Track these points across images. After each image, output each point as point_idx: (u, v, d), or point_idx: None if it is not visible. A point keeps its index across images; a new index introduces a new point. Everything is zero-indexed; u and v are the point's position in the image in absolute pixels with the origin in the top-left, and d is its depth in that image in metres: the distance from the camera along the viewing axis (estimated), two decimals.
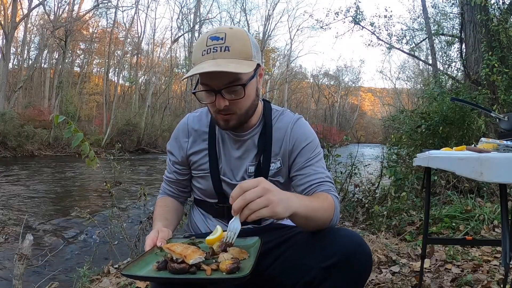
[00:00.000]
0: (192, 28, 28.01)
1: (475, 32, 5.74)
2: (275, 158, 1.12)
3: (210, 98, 1.00)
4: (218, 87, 0.97)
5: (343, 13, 10.76)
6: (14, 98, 20.50)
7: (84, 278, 2.43)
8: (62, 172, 10.93)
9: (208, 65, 0.94)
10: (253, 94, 1.05)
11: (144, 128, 22.97)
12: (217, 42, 0.96)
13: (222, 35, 0.96)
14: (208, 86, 0.98)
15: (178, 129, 1.22)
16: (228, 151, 1.14)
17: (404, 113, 5.46)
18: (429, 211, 1.79)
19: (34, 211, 5.71)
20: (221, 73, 0.94)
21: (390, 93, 39.01)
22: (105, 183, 2.94)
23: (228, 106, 0.99)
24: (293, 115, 1.17)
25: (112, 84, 28.92)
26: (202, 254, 0.83)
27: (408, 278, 2.15)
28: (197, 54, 0.98)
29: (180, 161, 1.19)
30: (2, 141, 15.61)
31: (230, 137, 1.14)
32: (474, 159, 0.74)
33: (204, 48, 0.97)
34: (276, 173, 1.12)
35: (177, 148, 1.19)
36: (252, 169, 1.12)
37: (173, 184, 1.24)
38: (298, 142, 1.10)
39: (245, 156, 1.13)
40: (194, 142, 1.17)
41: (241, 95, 1.00)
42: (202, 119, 1.19)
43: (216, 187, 1.14)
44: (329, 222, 0.95)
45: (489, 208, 3.14)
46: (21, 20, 20.92)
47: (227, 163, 1.14)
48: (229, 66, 0.93)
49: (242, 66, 0.95)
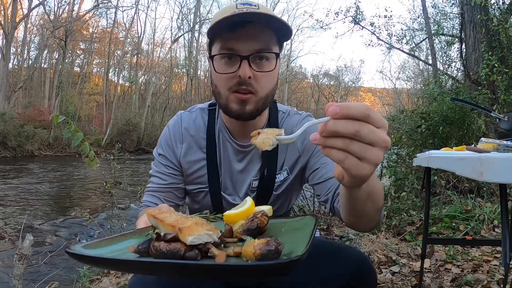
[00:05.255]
0: (192, 28, 27.98)
1: (475, 32, 5.74)
2: (282, 168, 0.98)
3: (232, 67, 0.85)
4: (247, 52, 0.83)
5: (343, 13, 10.74)
6: (14, 98, 20.52)
7: (84, 278, 2.43)
8: (62, 172, 10.93)
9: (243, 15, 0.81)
10: (276, 78, 0.92)
11: (144, 128, 22.99)
12: (249, 6, 0.85)
13: (255, 3, 0.87)
14: (233, 50, 0.84)
15: (169, 132, 1.01)
16: (229, 163, 0.98)
17: (404, 113, 5.45)
18: (429, 211, 1.79)
19: (34, 211, 5.71)
20: (254, 36, 0.83)
21: (390, 93, 38.98)
22: (105, 183, 2.94)
23: (251, 80, 0.85)
24: (299, 115, 1.03)
25: (112, 84, 28.93)
26: (213, 230, 0.51)
27: (408, 278, 2.15)
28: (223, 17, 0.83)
29: (174, 165, 0.99)
30: (2, 141, 15.61)
31: (233, 147, 0.97)
32: (474, 159, 0.74)
33: (234, 11, 0.83)
34: (279, 186, 0.99)
35: (168, 150, 1.00)
36: (256, 183, 0.97)
37: (162, 193, 0.98)
38: (309, 145, 0.95)
39: (248, 169, 0.98)
40: (189, 149, 0.98)
41: (270, 68, 0.87)
42: (198, 121, 1.00)
43: (215, 205, 0.98)
44: (380, 211, 0.73)
45: (489, 208, 3.14)
46: (21, 20, 20.91)
47: (228, 177, 0.98)
48: (273, 18, 0.81)
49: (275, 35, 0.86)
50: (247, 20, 0.82)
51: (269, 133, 0.53)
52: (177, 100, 32.00)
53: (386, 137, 0.47)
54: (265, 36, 0.86)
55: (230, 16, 0.80)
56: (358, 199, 0.63)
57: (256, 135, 0.54)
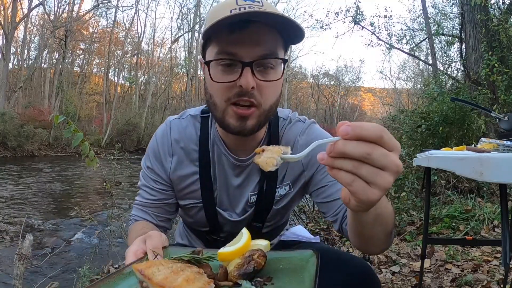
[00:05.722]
0: (192, 28, 27.97)
1: (475, 32, 5.74)
2: (282, 182, 0.90)
3: (232, 75, 0.73)
4: (250, 58, 0.72)
5: (343, 13, 10.75)
6: (14, 98, 20.52)
7: (84, 278, 2.43)
8: (62, 172, 10.93)
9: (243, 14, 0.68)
10: (281, 87, 0.81)
11: (144, 128, 22.96)
12: (251, 3, 0.73)
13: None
14: (234, 55, 0.72)
15: (157, 143, 0.92)
16: (225, 178, 0.89)
17: (404, 113, 5.46)
18: (429, 211, 1.79)
19: (34, 211, 5.71)
20: (259, 39, 0.71)
21: (390, 93, 38.95)
22: (105, 183, 2.94)
23: (254, 90, 0.73)
24: (302, 123, 0.92)
25: (112, 84, 28.93)
26: (208, 284, 0.48)
27: (408, 278, 2.15)
28: (223, 14, 0.70)
29: (163, 181, 0.92)
30: (2, 141, 15.60)
31: (229, 161, 0.88)
32: (474, 159, 0.74)
33: (234, 7, 0.72)
34: (280, 200, 0.92)
35: (157, 165, 0.92)
36: (254, 198, 0.90)
37: (152, 209, 0.93)
38: (314, 160, 0.86)
39: (246, 183, 0.90)
40: (179, 163, 0.89)
41: (276, 76, 0.75)
42: (189, 130, 0.90)
43: (210, 220, 0.92)
44: (390, 235, 0.70)
45: (489, 208, 3.14)
46: (21, 20, 20.91)
47: (224, 192, 0.90)
48: (284, 18, 0.69)
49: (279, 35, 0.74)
50: (251, 19, 0.70)
51: (274, 152, 0.49)
52: (177, 100, 31.99)
53: (398, 161, 0.44)
54: (270, 39, 0.74)
55: (231, 16, 0.67)
56: (366, 222, 0.61)
57: (260, 152, 0.50)
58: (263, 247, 0.58)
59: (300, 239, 1.05)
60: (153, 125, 24.11)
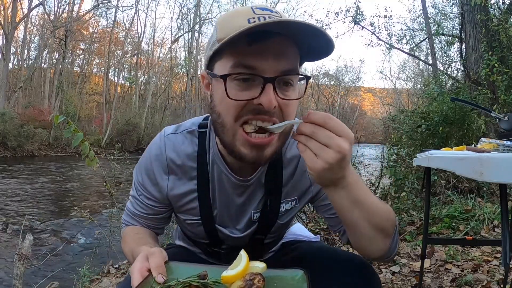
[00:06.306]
0: (192, 28, 27.98)
1: (475, 32, 5.74)
2: (287, 197, 0.87)
3: (249, 91, 0.65)
4: (273, 73, 0.63)
5: (343, 13, 10.73)
6: (14, 98, 20.53)
7: (84, 278, 2.43)
8: (62, 172, 10.93)
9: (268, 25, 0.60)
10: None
11: (144, 128, 22.97)
12: (270, 13, 0.66)
13: (275, 9, 0.69)
14: (253, 69, 0.63)
15: (151, 162, 0.85)
16: (226, 197, 0.85)
17: (404, 113, 5.46)
18: (429, 211, 1.79)
19: (34, 211, 5.71)
20: (281, 52, 0.64)
21: (390, 93, 38.95)
22: (105, 183, 2.95)
23: (276, 110, 0.65)
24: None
25: (112, 84, 28.94)
26: None
27: (408, 278, 2.15)
28: (240, 23, 0.62)
29: (156, 199, 0.87)
30: (2, 141, 15.61)
31: (231, 181, 0.82)
32: (474, 159, 0.74)
33: (251, 16, 0.64)
34: (284, 215, 0.89)
35: (151, 184, 0.86)
36: (258, 215, 0.86)
37: (143, 219, 0.91)
38: None
39: (248, 202, 0.86)
40: (176, 181, 0.84)
41: (297, 94, 0.69)
42: (185, 146, 0.83)
43: (209, 235, 0.90)
44: (386, 237, 0.72)
45: (489, 208, 3.14)
46: (21, 20, 20.92)
47: (225, 211, 0.86)
48: (316, 29, 0.60)
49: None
50: (274, 31, 0.62)
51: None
52: (177, 100, 32.00)
53: (342, 144, 0.57)
54: (292, 53, 0.66)
55: (257, 25, 0.58)
56: (342, 205, 0.66)
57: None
58: (260, 270, 0.64)
59: (300, 239, 1.05)
60: (153, 125, 24.12)
